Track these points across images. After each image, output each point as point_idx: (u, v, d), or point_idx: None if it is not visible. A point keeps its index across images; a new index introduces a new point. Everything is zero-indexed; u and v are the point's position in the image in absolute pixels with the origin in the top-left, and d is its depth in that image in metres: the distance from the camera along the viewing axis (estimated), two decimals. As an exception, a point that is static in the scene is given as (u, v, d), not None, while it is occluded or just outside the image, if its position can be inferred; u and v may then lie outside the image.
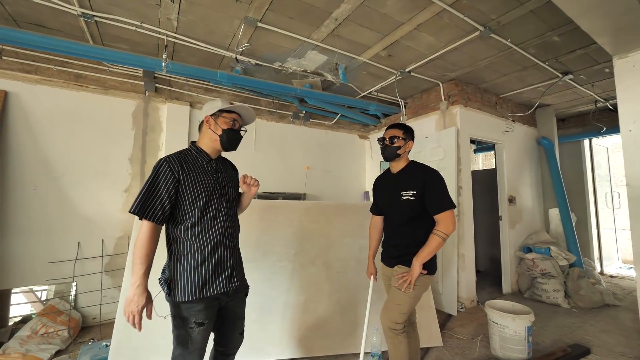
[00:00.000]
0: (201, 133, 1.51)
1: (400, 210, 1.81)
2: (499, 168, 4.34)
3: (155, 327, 2.19)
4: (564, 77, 3.54)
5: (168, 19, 2.61)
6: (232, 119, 1.49)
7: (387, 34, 2.81)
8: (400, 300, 1.74)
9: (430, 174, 1.79)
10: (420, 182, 1.76)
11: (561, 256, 3.88)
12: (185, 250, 1.36)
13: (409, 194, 1.76)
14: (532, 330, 2.48)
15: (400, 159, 1.87)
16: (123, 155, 3.31)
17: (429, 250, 1.69)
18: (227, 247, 1.44)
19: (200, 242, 1.36)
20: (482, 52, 3.12)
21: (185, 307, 1.32)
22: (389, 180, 1.94)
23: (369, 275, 2.10)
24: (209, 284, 1.36)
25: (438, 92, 3.97)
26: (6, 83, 2.85)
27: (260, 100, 4.19)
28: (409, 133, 1.89)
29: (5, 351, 2.39)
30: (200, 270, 1.35)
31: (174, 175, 1.33)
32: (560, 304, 3.67)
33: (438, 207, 1.71)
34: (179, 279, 1.33)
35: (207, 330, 1.38)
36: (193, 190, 1.36)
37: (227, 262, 1.43)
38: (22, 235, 2.82)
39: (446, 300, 3.46)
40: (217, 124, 1.46)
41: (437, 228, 1.70)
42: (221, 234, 1.42)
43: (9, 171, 2.81)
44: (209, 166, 1.47)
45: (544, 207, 4.74)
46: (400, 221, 1.84)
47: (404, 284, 1.71)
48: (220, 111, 1.47)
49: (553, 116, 4.73)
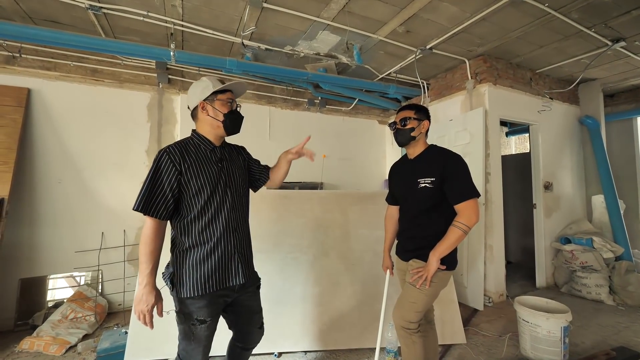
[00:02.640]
0: (198, 120, 1.40)
1: (416, 199, 1.65)
2: (533, 152, 3.95)
3: (170, 316, 2.24)
4: (614, 45, 3.07)
5: (173, 6, 2.54)
6: (227, 99, 1.38)
7: (403, 7, 2.56)
8: (414, 297, 1.60)
9: (452, 159, 1.60)
10: (439, 167, 1.58)
11: (606, 248, 3.49)
12: (188, 244, 1.31)
13: (426, 181, 1.59)
14: (569, 330, 2.24)
15: (416, 142, 1.69)
16: (140, 147, 3.37)
17: (448, 244, 1.53)
18: (232, 242, 1.37)
19: (202, 237, 1.31)
20: (514, 21, 2.76)
21: (188, 302, 1.29)
22: (406, 166, 1.78)
23: (385, 269, 1.98)
24: (212, 280, 1.30)
25: (464, 70, 3.64)
26: (28, 81, 2.96)
27: (273, 87, 4.08)
28: (422, 112, 1.70)
29: (39, 334, 2.55)
30: (203, 265, 1.30)
31: (175, 167, 1.25)
32: (603, 301, 3.32)
33: (459, 196, 1.54)
34: (181, 274, 1.29)
35: (209, 327, 1.33)
36: (196, 182, 1.29)
37: (231, 257, 1.36)
38: (50, 226, 2.97)
39: (471, 294, 3.25)
40: (215, 109, 1.35)
41: (458, 219, 1.53)
42: (224, 227, 1.34)
43: (35, 165, 2.94)
44: (213, 154, 1.38)
45: (587, 193, 4.29)
46: (417, 211, 1.68)
47: (419, 280, 1.56)
48: (213, 94, 1.36)
49: (599, 92, 4.20)
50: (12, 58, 2.89)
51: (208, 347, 1.36)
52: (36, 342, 2.43)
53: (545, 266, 3.86)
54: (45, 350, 2.39)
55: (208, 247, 1.31)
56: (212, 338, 1.37)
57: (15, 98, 2.85)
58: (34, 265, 2.91)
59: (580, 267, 3.50)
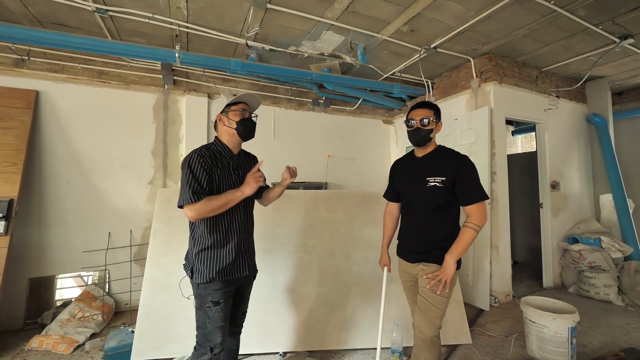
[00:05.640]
0: (218, 131, 1.61)
1: (424, 197, 1.62)
2: (540, 150, 3.91)
3: (176, 317, 2.27)
4: (622, 42, 3.03)
5: (177, 8, 2.56)
6: (240, 109, 1.55)
7: (407, 6, 2.55)
8: (438, 303, 1.58)
9: (464, 161, 1.59)
10: (452, 168, 1.57)
11: (614, 247, 3.44)
12: (206, 242, 1.48)
13: (436, 180, 1.57)
14: (577, 331, 2.21)
15: (430, 143, 1.67)
16: (146, 148, 3.40)
17: (465, 246, 1.52)
18: (242, 240, 1.56)
19: (218, 235, 1.49)
20: (519, 19, 2.74)
21: (203, 287, 1.46)
22: (412, 164, 1.75)
23: (383, 266, 1.95)
24: (225, 270, 1.48)
25: (469, 69, 3.61)
26: (36, 83, 3.00)
27: (277, 87, 4.09)
28: (439, 113, 1.68)
29: (48, 333, 2.59)
30: (217, 259, 1.48)
31: (206, 163, 1.44)
32: (612, 301, 3.28)
33: (472, 198, 1.54)
34: (198, 263, 1.47)
35: (223, 309, 1.47)
36: (218, 185, 1.48)
37: (239, 252, 1.54)
38: (58, 226, 3.01)
39: (477, 294, 3.22)
40: (229, 119, 1.54)
41: (471, 220, 1.52)
42: (236, 228, 1.53)
43: (43, 166, 2.99)
44: (232, 162, 1.57)
45: (594, 192, 4.23)
46: (424, 211, 1.65)
47: (439, 285, 1.54)
48: (227, 106, 1.55)
49: (607, 89, 4.14)
50: (21, 61, 2.93)
51: (224, 329, 1.49)
52: (45, 341, 2.47)
53: (553, 266, 3.81)
54: (53, 349, 2.43)
55: (222, 243, 1.49)
56: (227, 321, 1.51)
57: (24, 100, 2.90)
58: (42, 265, 2.96)
59: (589, 267, 3.46)
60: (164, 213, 2.55)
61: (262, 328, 2.34)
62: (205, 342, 1.46)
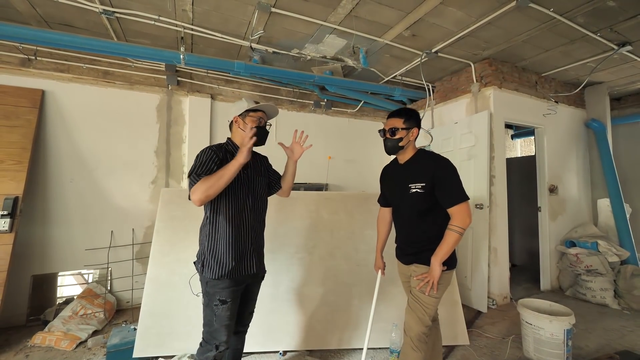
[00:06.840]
0: (232, 131, 1.68)
1: (409, 203, 1.68)
2: (538, 155, 3.95)
3: (178, 315, 2.30)
4: (620, 49, 3.08)
5: (183, 10, 2.60)
6: (258, 117, 1.62)
7: (409, 12, 2.59)
8: (426, 303, 1.62)
9: (441, 164, 1.63)
10: (429, 172, 1.61)
11: (611, 252, 3.48)
12: (215, 238, 1.53)
13: (417, 186, 1.62)
14: (573, 333, 2.25)
15: (405, 150, 1.71)
16: (149, 148, 3.44)
17: (447, 248, 1.56)
18: (250, 238, 1.59)
19: (227, 232, 1.52)
20: (519, 25, 2.79)
21: (212, 284, 1.50)
22: (397, 170, 1.80)
23: (377, 270, 2.03)
24: (233, 268, 1.51)
25: (469, 73, 3.66)
26: (42, 82, 3.04)
27: (280, 89, 4.14)
28: (412, 120, 1.70)
29: (50, 329, 2.62)
30: (226, 255, 1.51)
31: (217, 156, 1.50)
32: (608, 305, 3.31)
33: (451, 200, 1.57)
34: (208, 259, 1.51)
35: (230, 308, 1.51)
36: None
37: (248, 250, 1.58)
38: (62, 224, 3.04)
39: (475, 296, 3.26)
40: (245, 123, 1.61)
41: (453, 223, 1.56)
42: (245, 225, 1.57)
43: (48, 165, 3.02)
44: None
45: (592, 197, 4.27)
46: (410, 215, 1.70)
47: (427, 287, 1.59)
48: (247, 111, 1.60)
49: (606, 95, 4.19)
50: (28, 61, 2.97)
51: (230, 328, 1.52)
52: (48, 337, 2.50)
53: (550, 269, 3.85)
54: (56, 345, 2.46)
55: (231, 240, 1.53)
56: (233, 320, 1.55)
57: (30, 99, 2.93)
58: (45, 262, 2.99)
59: (585, 271, 3.49)
60: (167, 212, 2.58)
61: (263, 327, 2.37)
62: (211, 340, 1.50)
